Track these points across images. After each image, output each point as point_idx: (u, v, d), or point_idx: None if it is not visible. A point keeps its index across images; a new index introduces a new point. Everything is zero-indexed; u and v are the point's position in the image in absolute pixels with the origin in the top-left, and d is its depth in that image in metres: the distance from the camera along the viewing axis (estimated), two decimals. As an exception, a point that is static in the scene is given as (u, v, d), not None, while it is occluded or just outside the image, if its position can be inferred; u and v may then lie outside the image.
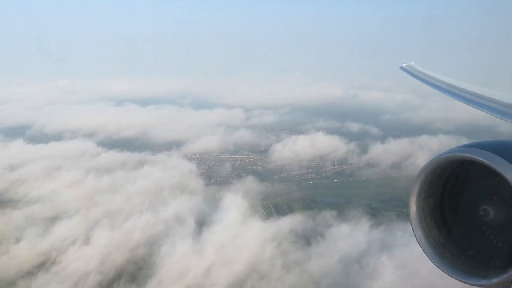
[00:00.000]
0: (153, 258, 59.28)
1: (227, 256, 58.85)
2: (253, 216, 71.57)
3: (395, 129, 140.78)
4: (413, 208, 4.26)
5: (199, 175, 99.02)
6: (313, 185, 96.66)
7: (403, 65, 16.04)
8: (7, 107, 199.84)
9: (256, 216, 72.25)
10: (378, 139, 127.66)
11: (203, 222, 68.89)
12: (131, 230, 66.34)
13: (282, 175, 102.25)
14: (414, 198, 4.24)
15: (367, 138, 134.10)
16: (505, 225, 3.80)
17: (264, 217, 74.08)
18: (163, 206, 75.02)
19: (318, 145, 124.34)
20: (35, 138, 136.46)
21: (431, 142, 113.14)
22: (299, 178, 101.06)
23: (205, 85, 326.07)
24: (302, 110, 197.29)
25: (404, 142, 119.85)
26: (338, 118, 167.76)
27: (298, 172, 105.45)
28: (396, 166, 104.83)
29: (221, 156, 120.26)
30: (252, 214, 72.63)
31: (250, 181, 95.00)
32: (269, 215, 75.43)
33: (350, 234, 65.57)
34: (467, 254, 4.11)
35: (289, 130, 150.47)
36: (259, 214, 74.57)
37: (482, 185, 4.03)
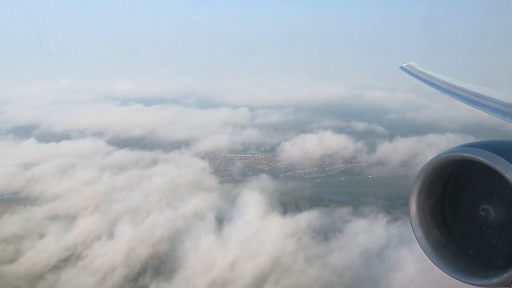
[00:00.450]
0: (176, 253, 60.75)
1: (247, 250, 60.40)
2: (270, 212, 72.96)
3: (401, 128, 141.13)
4: (413, 207, 4.26)
5: (212, 173, 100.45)
6: (320, 183, 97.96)
7: (403, 65, 16.03)
8: (12, 107, 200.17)
9: (273, 212, 73.62)
10: (384, 138, 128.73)
11: (222, 218, 70.40)
12: (153, 226, 67.79)
13: (289, 174, 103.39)
14: (414, 198, 4.23)
15: (374, 137, 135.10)
16: (505, 225, 3.81)
17: (282, 213, 75.48)
18: (182, 202, 76.43)
19: (325, 144, 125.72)
20: (43, 138, 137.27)
21: (439, 141, 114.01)
22: (308, 176, 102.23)
23: (207, 84, 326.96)
24: (306, 109, 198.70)
25: (411, 140, 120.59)
26: (343, 117, 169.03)
27: (306, 170, 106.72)
28: (404, 165, 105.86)
29: (230, 155, 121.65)
30: (269, 210, 73.99)
31: (261, 179, 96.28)
32: (284, 212, 76.86)
33: (363, 231, 67.15)
34: (468, 254, 4.10)
35: (295, 129, 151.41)
36: (277, 211, 75.81)
37: (483, 185, 4.03)
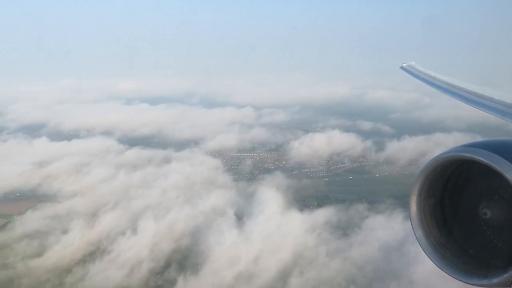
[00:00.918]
0: (199, 247, 62.35)
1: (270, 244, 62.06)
2: (289, 209, 74.50)
3: (407, 127, 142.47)
4: (413, 208, 4.25)
5: (226, 171, 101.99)
6: (328, 182, 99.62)
7: (404, 65, 16.02)
8: (18, 106, 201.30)
9: (292, 209, 75.15)
10: (391, 137, 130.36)
11: (242, 214, 72.03)
12: (174, 222, 69.41)
13: (294, 173, 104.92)
14: (414, 198, 4.22)
15: (380, 136, 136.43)
16: (505, 225, 3.81)
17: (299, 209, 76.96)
18: (200, 199, 78.07)
19: (332, 143, 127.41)
20: (53, 136, 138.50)
21: (447, 140, 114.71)
22: (316, 175, 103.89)
23: (211, 84, 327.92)
24: (310, 109, 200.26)
25: (419, 139, 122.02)
26: (347, 116, 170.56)
27: (314, 169, 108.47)
28: (413, 163, 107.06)
29: (239, 153, 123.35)
30: (287, 207, 75.51)
31: (274, 177, 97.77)
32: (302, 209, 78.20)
33: (378, 227, 68.80)
34: (468, 254, 4.08)
35: (301, 128, 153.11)
36: (295, 207, 77.23)
37: (483, 185, 4.01)
